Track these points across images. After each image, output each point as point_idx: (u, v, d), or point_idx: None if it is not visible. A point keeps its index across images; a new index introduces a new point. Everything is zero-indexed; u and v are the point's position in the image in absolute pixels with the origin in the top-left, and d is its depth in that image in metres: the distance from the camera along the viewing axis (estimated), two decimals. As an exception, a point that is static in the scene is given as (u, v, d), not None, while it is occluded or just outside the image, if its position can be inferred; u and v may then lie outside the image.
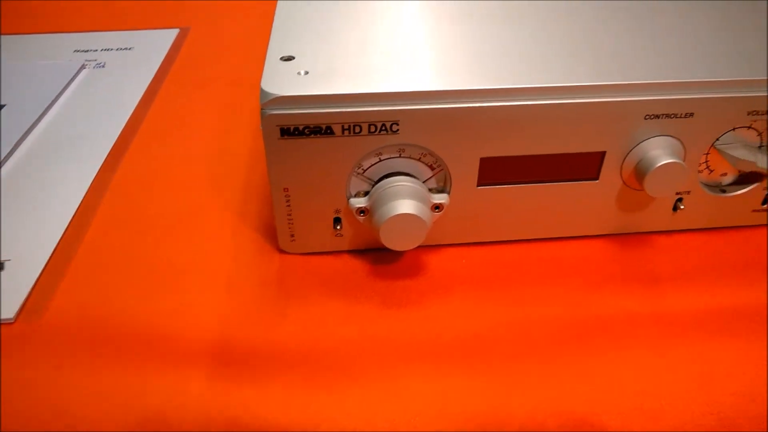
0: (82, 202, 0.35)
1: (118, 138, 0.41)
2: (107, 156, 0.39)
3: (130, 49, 0.54)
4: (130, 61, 0.51)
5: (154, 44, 0.55)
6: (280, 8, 0.36)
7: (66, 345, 0.27)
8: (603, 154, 0.30)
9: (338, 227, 0.31)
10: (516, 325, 0.29)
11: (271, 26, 0.33)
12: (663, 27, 0.34)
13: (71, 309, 0.29)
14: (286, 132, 0.27)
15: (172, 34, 0.57)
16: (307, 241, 0.31)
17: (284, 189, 0.29)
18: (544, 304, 0.30)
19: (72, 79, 0.48)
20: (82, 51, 0.53)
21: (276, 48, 0.30)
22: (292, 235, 0.31)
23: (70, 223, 0.34)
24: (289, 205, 0.30)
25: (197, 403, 0.24)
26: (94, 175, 0.37)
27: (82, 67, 0.50)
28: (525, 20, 0.35)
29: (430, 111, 0.27)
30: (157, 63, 0.51)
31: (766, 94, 0.29)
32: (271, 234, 0.33)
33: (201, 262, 0.31)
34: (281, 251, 0.32)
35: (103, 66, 0.50)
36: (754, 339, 0.28)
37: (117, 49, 0.53)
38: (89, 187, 0.36)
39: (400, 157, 0.29)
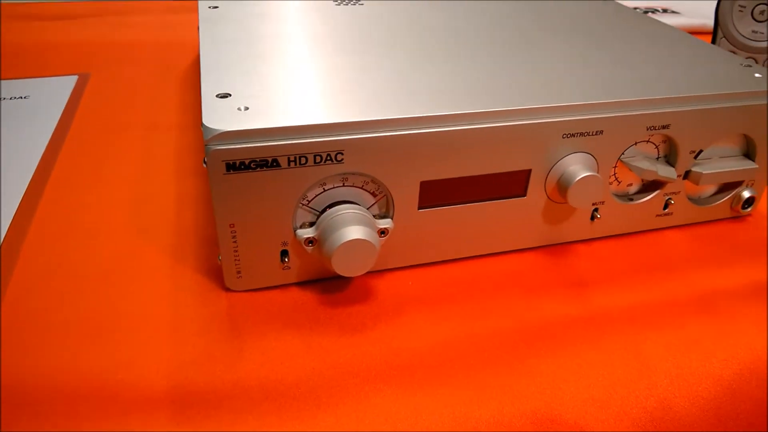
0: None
1: (26, 192, 0.38)
2: (15, 213, 0.36)
3: (26, 98, 0.51)
4: (28, 111, 0.49)
5: (53, 92, 0.52)
6: (205, 47, 0.36)
7: (5, 415, 0.25)
8: (529, 171, 0.33)
9: (285, 260, 0.31)
10: (468, 337, 0.30)
11: (199, 65, 0.33)
12: (569, 55, 0.38)
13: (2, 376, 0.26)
14: (232, 167, 0.27)
15: (71, 80, 0.55)
16: (254, 277, 0.31)
17: (230, 225, 0.29)
18: (490, 315, 0.31)
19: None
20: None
21: (210, 86, 0.30)
22: (239, 272, 0.31)
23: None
24: (235, 241, 0.30)
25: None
26: (3, 235, 0.35)
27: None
28: (447, 52, 0.37)
29: (373, 139, 0.28)
30: (59, 111, 0.49)
31: (660, 111, 0.33)
32: (213, 273, 0.32)
33: (142, 309, 0.30)
34: (227, 290, 0.31)
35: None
36: (676, 326, 0.31)
37: (12, 98, 0.50)
38: (0, 248, 0.34)
39: (343, 185, 0.30)
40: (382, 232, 0.31)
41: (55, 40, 0.64)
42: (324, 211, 0.30)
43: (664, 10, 0.87)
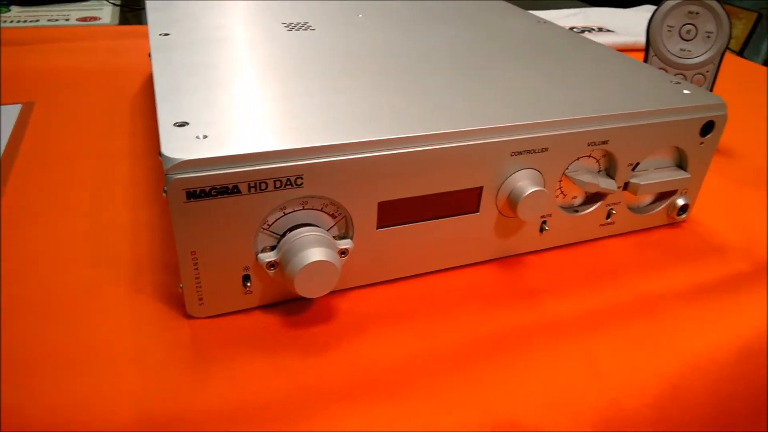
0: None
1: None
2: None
3: (-32, 128, 0.50)
4: (-28, 141, 0.48)
5: (-3, 121, 0.51)
6: (158, 75, 0.36)
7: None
8: (481, 189, 0.34)
9: (248, 284, 0.31)
10: (429, 350, 0.31)
11: (154, 94, 0.33)
12: (513, 77, 0.40)
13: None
14: (193, 195, 0.28)
15: (14, 109, 0.54)
16: (216, 303, 0.31)
17: (191, 252, 0.29)
18: (450, 328, 0.32)
19: None
20: None
21: (167, 115, 0.31)
22: (201, 299, 0.31)
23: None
24: (196, 268, 0.30)
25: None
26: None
27: None
28: (398, 76, 0.38)
29: (331, 163, 0.29)
30: (3, 141, 0.48)
31: (599, 128, 0.35)
32: (173, 301, 0.32)
33: (103, 341, 0.30)
34: (189, 317, 0.31)
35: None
36: (622, 329, 0.33)
37: (-47, 129, 0.49)
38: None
39: (303, 209, 0.31)
40: (343, 253, 0.32)
41: (-5, 67, 0.63)
42: (285, 234, 0.31)
43: (600, 29, 0.91)
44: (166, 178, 0.27)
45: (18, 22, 0.84)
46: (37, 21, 0.85)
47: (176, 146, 0.27)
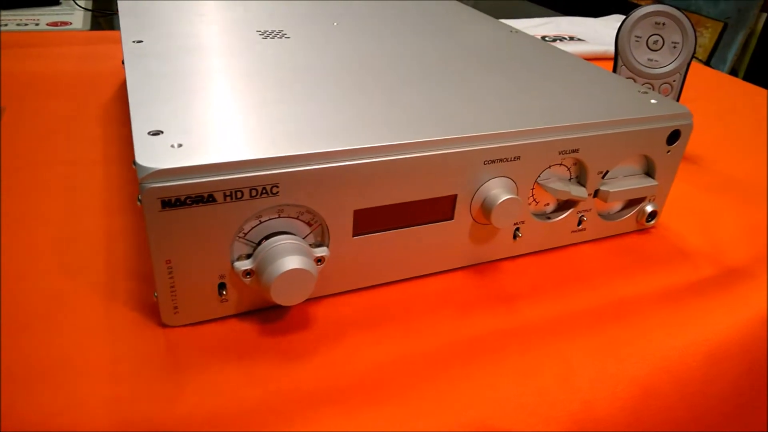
0: None
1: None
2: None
3: (-65, 134, 0.49)
4: (-61, 148, 0.47)
5: (-35, 128, 0.50)
6: (132, 83, 0.36)
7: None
8: (455, 196, 0.35)
9: (223, 292, 0.31)
10: (405, 355, 0.31)
11: (128, 102, 0.33)
12: (486, 87, 0.40)
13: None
14: (168, 204, 0.28)
15: (-16, 115, 0.53)
16: (191, 312, 0.31)
17: (167, 261, 0.29)
18: (426, 333, 0.33)
19: None
20: None
21: (141, 123, 0.31)
22: (176, 307, 0.31)
23: None
24: (171, 277, 0.30)
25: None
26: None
27: None
28: (373, 85, 0.39)
29: (307, 172, 0.30)
30: (-27, 148, 0.47)
31: (570, 137, 0.36)
32: (148, 310, 0.32)
33: (78, 351, 0.29)
34: (164, 325, 0.31)
35: None
36: (594, 332, 0.34)
37: None
38: None
39: (279, 217, 0.31)
40: (319, 260, 0.32)
41: (-37, 73, 0.62)
42: (260, 242, 0.31)
43: (571, 38, 0.93)
44: (140, 187, 0.27)
45: (-14, 26, 0.83)
46: (6, 25, 0.84)
47: (151, 155, 0.27)
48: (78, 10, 0.96)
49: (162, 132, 0.30)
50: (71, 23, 0.91)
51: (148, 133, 0.30)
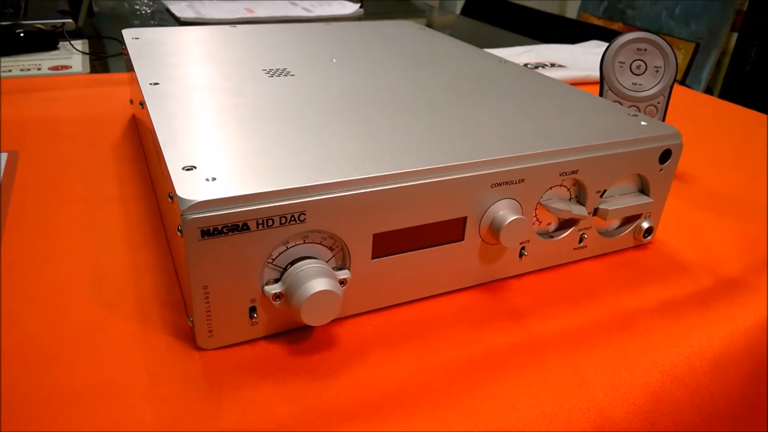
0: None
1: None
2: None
3: (-46, 178, 0.50)
4: (-40, 191, 0.48)
5: (-17, 171, 0.52)
6: (157, 122, 0.38)
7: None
8: (465, 218, 0.37)
9: (254, 316, 0.33)
10: (426, 370, 0.33)
11: (159, 141, 0.35)
12: (487, 114, 0.43)
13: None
14: (206, 233, 0.29)
15: (1, 158, 0.54)
16: (225, 335, 0.33)
17: (203, 287, 0.31)
18: (444, 349, 0.35)
19: None
20: None
21: (174, 160, 0.33)
22: (211, 331, 0.32)
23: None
24: (208, 302, 0.31)
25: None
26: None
27: None
28: (382, 116, 0.41)
29: (332, 199, 0.32)
30: (-7, 189, 0.49)
31: (569, 159, 0.39)
32: (182, 334, 0.34)
33: (119, 376, 0.31)
34: (199, 348, 0.33)
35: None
36: (603, 343, 0.36)
37: (-60, 180, 0.50)
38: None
39: (304, 243, 0.33)
40: (341, 283, 0.34)
41: (-25, 118, 0.64)
42: (287, 267, 0.33)
43: (552, 65, 0.97)
44: (182, 219, 0.29)
45: (-10, 72, 0.85)
46: (9, 71, 0.86)
47: (189, 189, 0.29)
48: (76, 54, 0.98)
49: (195, 167, 0.32)
50: (71, 66, 0.93)
51: (183, 168, 0.32)
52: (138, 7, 1.28)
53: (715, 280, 0.42)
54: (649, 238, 0.46)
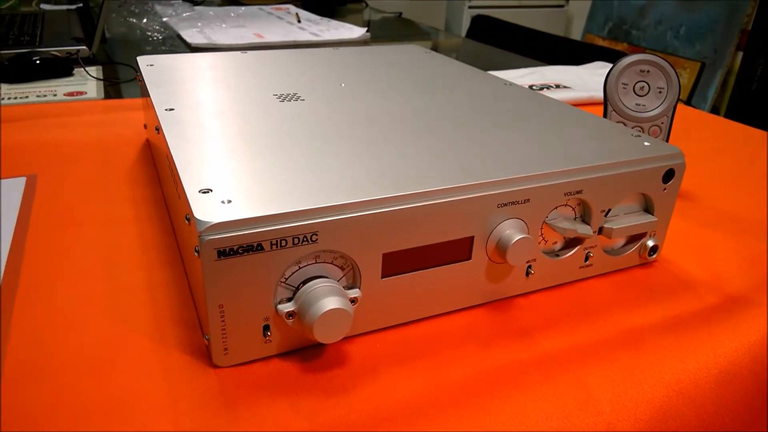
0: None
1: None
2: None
3: (-25, 202, 0.52)
4: (-19, 214, 0.50)
5: (4, 194, 0.53)
6: (174, 147, 0.39)
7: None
8: (472, 238, 0.38)
9: (267, 334, 0.34)
10: (436, 387, 0.34)
11: (176, 165, 0.37)
12: (493, 136, 0.44)
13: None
14: (223, 253, 0.31)
15: (20, 182, 0.56)
16: (239, 352, 0.34)
17: (219, 306, 0.32)
18: (453, 366, 0.35)
19: None
20: None
21: (191, 183, 0.34)
22: (226, 349, 0.33)
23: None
24: (223, 320, 0.32)
25: None
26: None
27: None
28: (391, 139, 0.42)
29: (343, 220, 0.33)
30: (14, 212, 0.50)
31: (574, 179, 0.40)
32: (197, 352, 0.35)
33: (137, 392, 0.32)
34: (215, 366, 0.34)
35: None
36: (610, 360, 0.36)
37: (-39, 204, 0.51)
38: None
39: (316, 262, 0.34)
40: (352, 301, 0.35)
41: (-6, 143, 0.65)
42: (299, 286, 0.34)
43: (557, 86, 0.98)
44: (199, 239, 0.30)
45: (8, 99, 0.87)
46: (26, 97, 0.88)
47: (206, 211, 0.31)
48: (91, 80, 1.01)
49: (211, 190, 0.33)
50: (86, 92, 0.96)
51: (199, 191, 0.33)
52: (149, 33, 1.31)
53: (719, 297, 0.43)
54: (655, 256, 0.47)
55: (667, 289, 0.44)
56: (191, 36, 1.24)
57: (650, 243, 0.46)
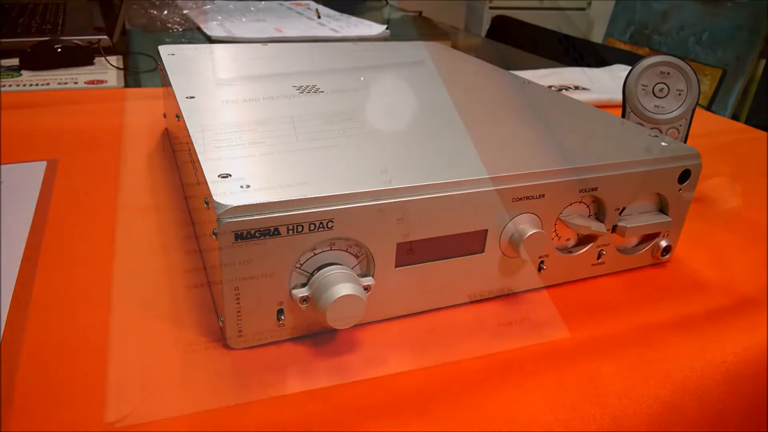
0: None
1: (18, 276, 0.40)
2: (13, 294, 0.38)
3: (-2, 183, 0.53)
4: (5, 196, 0.51)
5: (25, 177, 0.54)
6: (194, 134, 0.40)
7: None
8: (486, 231, 0.38)
9: (281, 318, 0.35)
10: (446, 375, 0.34)
11: (196, 150, 0.37)
12: (511, 132, 0.45)
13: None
14: (240, 236, 0.31)
15: (41, 166, 0.57)
16: (253, 335, 0.35)
17: (235, 288, 0.33)
18: (463, 355, 0.36)
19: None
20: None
21: (211, 169, 0.35)
22: (240, 331, 0.34)
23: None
24: (238, 303, 0.33)
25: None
26: (5, 318, 0.36)
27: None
28: (409, 131, 0.43)
29: (358, 208, 0.33)
30: (35, 196, 0.51)
31: (589, 177, 0.40)
32: (212, 335, 0.36)
33: (155, 370, 0.33)
34: (229, 348, 0.34)
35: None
36: (619, 356, 0.37)
37: (-15, 185, 0.52)
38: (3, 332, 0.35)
39: (331, 249, 0.34)
40: (366, 289, 0.35)
41: (18, 128, 0.67)
42: (314, 272, 0.34)
43: (576, 87, 0.98)
44: (217, 222, 0.30)
45: (30, 85, 0.88)
46: (48, 84, 0.90)
47: (225, 194, 0.31)
48: (111, 69, 1.02)
49: (230, 175, 0.34)
50: (107, 81, 0.97)
51: (219, 176, 0.34)
52: (170, 25, 1.33)
53: (731, 298, 0.43)
54: (667, 256, 0.47)
55: (678, 289, 0.44)
56: (211, 28, 1.25)
57: (663, 243, 0.46)
